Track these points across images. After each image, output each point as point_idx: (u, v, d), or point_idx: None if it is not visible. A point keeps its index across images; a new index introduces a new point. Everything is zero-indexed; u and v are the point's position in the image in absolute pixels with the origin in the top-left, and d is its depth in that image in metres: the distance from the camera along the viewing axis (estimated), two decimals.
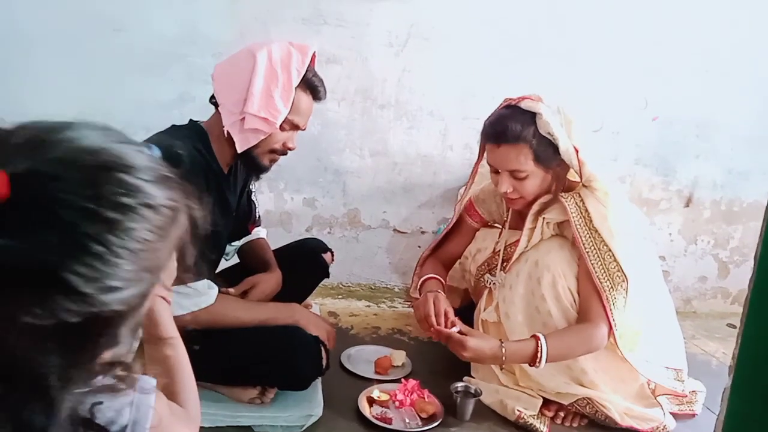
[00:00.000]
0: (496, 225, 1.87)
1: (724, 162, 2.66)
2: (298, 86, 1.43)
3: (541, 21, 2.36)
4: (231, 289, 1.58)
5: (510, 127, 1.51)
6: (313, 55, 1.47)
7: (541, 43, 2.37)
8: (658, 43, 2.46)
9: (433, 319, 1.56)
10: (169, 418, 0.73)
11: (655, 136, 2.57)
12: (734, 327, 2.58)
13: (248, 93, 1.38)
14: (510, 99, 1.59)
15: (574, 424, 1.62)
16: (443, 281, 1.80)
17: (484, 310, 1.72)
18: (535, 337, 1.47)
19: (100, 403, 0.56)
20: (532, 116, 1.51)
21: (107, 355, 0.55)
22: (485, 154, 1.63)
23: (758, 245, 0.58)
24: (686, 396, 1.69)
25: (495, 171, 1.60)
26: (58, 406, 0.50)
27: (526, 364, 1.52)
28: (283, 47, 1.42)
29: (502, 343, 1.46)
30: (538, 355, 1.45)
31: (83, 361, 0.51)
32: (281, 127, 1.45)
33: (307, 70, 1.44)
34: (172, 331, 0.89)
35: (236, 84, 1.40)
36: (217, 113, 1.47)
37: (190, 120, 1.52)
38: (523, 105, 1.53)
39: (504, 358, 1.45)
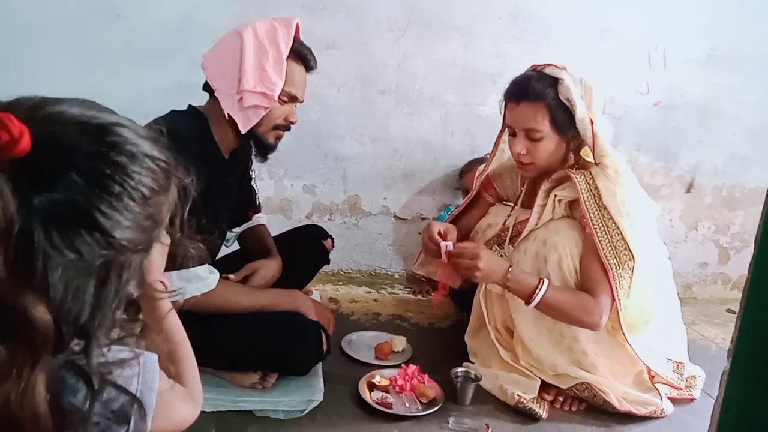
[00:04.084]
0: (509, 203, 1.87)
1: (725, 148, 2.65)
2: (288, 57, 1.43)
3: (543, 5, 2.34)
4: (231, 275, 1.58)
5: (531, 85, 1.56)
6: (297, 27, 1.47)
7: (542, 28, 2.36)
8: (661, 27, 2.44)
9: (436, 236, 1.58)
10: (171, 394, 0.76)
11: (656, 121, 2.56)
12: (734, 313, 2.58)
13: (241, 71, 1.38)
14: (536, 65, 1.62)
15: (573, 408, 1.63)
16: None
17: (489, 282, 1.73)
18: (539, 278, 1.51)
19: (110, 373, 0.60)
20: (554, 81, 1.55)
21: (119, 312, 0.60)
22: (505, 127, 1.67)
23: (758, 230, 0.58)
24: (681, 389, 1.71)
25: (512, 133, 1.62)
26: (90, 355, 0.56)
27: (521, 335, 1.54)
28: (266, 23, 1.43)
29: (509, 268, 1.49)
30: (535, 293, 1.48)
31: (105, 306, 0.56)
32: (280, 100, 1.45)
33: (294, 41, 1.43)
34: (171, 316, 0.90)
35: (228, 65, 1.40)
36: (213, 99, 1.46)
37: (189, 105, 1.51)
38: (547, 71, 1.58)
39: (508, 281, 1.49)
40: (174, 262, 0.77)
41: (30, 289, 0.49)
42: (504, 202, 1.90)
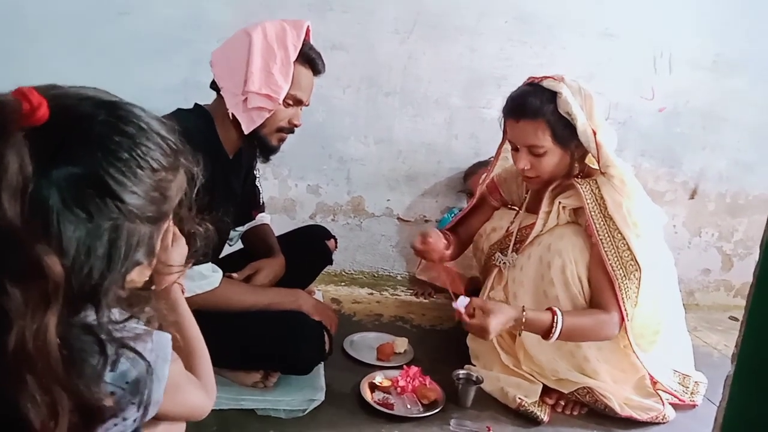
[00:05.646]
0: (514, 207, 1.87)
1: (730, 154, 2.64)
2: (296, 60, 1.43)
3: (548, 10, 2.34)
4: (235, 274, 1.59)
5: (529, 102, 1.53)
6: (308, 29, 1.47)
7: (547, 32, 2.36)
8: (667, 33, 2.44)
9: (419, 246, 1.63)
10: (183, 378, 0.79)
11: (661, 127, 2.56)
12: (736, 320, 2.58)
13: (248, 72, 1.38)
14: (533, 77, 1.60)
15: (574, 413, 1.63)
16: (449, 238, 1.81)
17: (493, 289, 1.74)
18: (552, 311, 1.47)
19: (125, 344, 0.64)
20: (552, 95, 1.53)
21: (130, 281, 0.65)
22: (506, 139, 1.67)
23: (765, 236, 0.58)
24: (685, 402, 1.69)
25: (514, 148, 1.61)
26: (101, 316, 0.60)
27: (537, 339, 1.55)
28: (276, 24, 1.43)
29: (524, 310, 1.45)
30: (553, 329, 1.45)
31: (114, 269, 0.60)
32: (284, 103, 1.45)
33: (303, 44, 1.43)
34: (186, 312, 0.95)
35: (235, 65, 1.40)
36: (220, 98, 1.47)
37: (196, 104, 1.52)
38: (545, 84, 1.55)
39: (523, 325, 1.45)
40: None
41: (45, 240, 0.54)
42: (509, 207, 1.89)
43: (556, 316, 1.46)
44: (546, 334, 1.47)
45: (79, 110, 0.59)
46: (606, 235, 1.52)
